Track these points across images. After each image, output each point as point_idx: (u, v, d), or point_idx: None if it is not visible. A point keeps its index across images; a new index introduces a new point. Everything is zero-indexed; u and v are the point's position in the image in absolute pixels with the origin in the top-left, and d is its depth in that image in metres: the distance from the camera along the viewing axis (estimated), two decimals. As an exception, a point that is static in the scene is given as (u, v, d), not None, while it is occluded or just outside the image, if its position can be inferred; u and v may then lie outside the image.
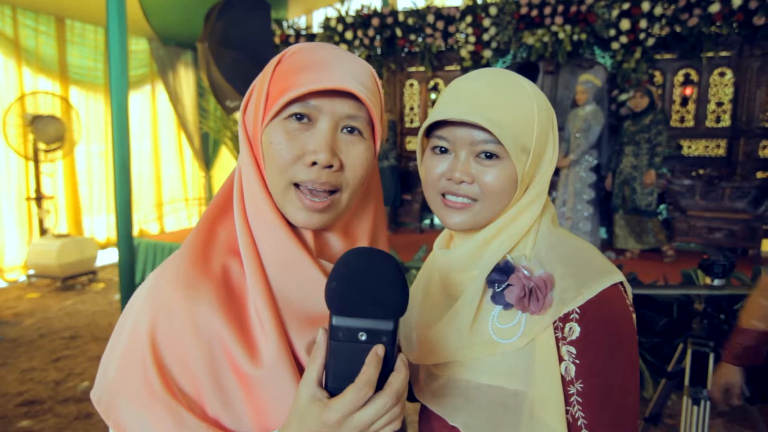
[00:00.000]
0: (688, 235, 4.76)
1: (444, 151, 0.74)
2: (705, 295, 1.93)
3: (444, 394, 0.73)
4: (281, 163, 0.64)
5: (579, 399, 0.66)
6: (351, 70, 0.65)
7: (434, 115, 0.72)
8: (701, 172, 5.12)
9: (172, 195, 7.53)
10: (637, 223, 4.53)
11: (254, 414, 0.62)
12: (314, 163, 0.64)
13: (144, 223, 6.95)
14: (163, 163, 7.36)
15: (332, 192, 0.66)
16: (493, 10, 5.61)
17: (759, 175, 5.00)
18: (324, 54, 0.66)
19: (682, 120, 5.33)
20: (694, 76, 5.23)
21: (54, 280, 5.26)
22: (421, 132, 0.77)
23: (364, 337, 0.53)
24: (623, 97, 5.16)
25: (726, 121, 5.18)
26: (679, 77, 5.30)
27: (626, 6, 5.04)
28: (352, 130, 0.66)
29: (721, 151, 5.23)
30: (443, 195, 0.74)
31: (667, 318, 3.13)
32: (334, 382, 0.54)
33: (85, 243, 5.50)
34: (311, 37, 6.73)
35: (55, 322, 4.27)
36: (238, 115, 6.66)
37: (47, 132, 5.28)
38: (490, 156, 0.70)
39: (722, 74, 5.14)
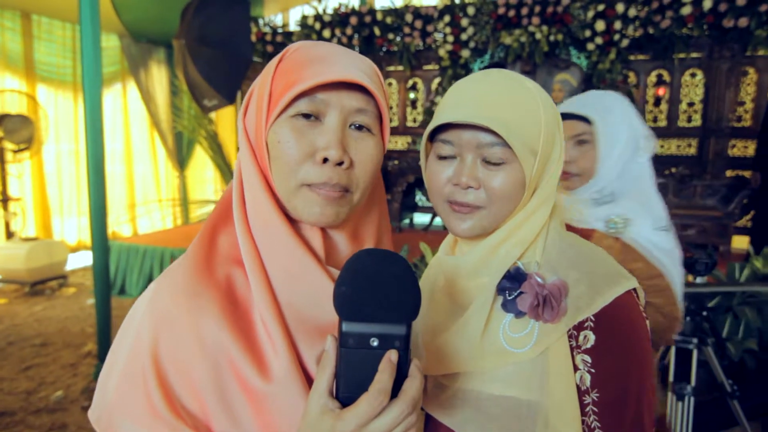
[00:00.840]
0: (662, 233, 4.87)
1: (449, 155, 0.72)
2: (688, 292, 1.96)
3: (454, 406, 0.71)
4: (290, 162, 0.62)
5: (595, 408, 0.65)
6: (356, 64, 0.64)
7: (438, 119, 0.70)
8: (674, 170, 5.25)
9: (145, 196, 7.34)
10: None
11: (262, 429, 0.59)
12: (325, 160, 0.62)
13: (116, 225, 6.76)
14: (136, 163, 7.17)
15: (344, 191, 0.64)
16: (470, 10, 5.63)
17: (728, 173, 5.16)
18: (327, 49, 0.65)
19: (655, 120, 5.45)
20: (666, 77, 5.35)
21: (22, 286, 5.07)
22: (425, 136, 0.75)
23: (375, 343, 0.51)
24: (599, 97, 5.25)
25: (697, 121, 5.31)
26: (652, 78, 5.41)
27: (601, 7, 5.13)
28: (360, 127, 0.64)
29: (693, 150, 5.37)
30: (451, 202, 0.72)
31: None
32: (346, 391, 0.51)
33: (55, 246, 5.31)
34: (288, 36, 6.65)
35: (25, 328, 4.11)
36: (213, 115, 6.54)
37: (14, 131, 5.08)
38: (497, 160, 0.68)
39: (693, 75, 5.27)
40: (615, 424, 0.64)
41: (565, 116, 1.32)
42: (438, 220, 6.06)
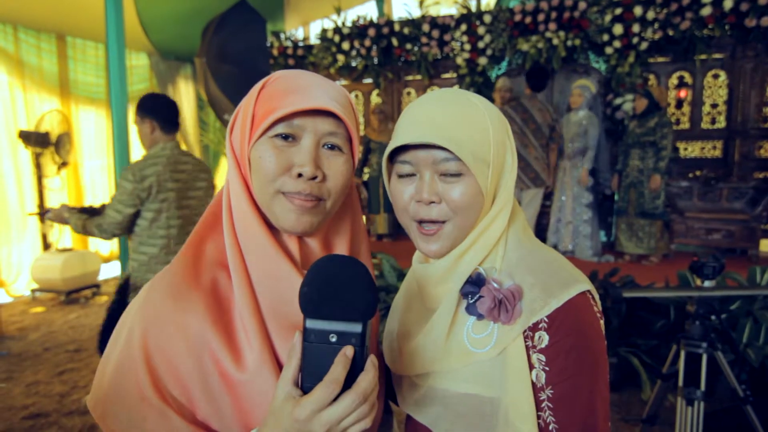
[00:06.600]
0: (687, 237, 4.78)
1: (409, 174, 0.77)
2: (696, 296, 1.95)
3: (426, 404, 0.77)
4: (269, 174, 0.70)
5: (550, 405, 0.69)
6: (329, 93, 0.72)
7: (395, 142, 0.76)
8: (698, 173, 5.15)
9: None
10: (640, 227, 4.53)
11: (239, 415, 0.67)
12: (300, 175, 0.69)
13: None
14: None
15: (318, 200, 0.72)
16: (487, 18, 5.68)
17: (756, 175, 5.03)
18: (305, 80, 0.73)
19: (677, 122, 5.37)
20: (688, 79, 5.27)
21: (58, 294, 5.31)
22: (384, 159, 0.80)
23: (334, 339, 0.57)
24: (618, 101, 5.20)
25: (721, 123, 5.21)
26: (674, 80, 5.34)
27: (619, 11, 5.10)
28: (332, 147, 0.72)
29: (718, 153, 5.26)
30: (419, 222, 0.77)
31: (664, 320, 3.15)
32: (308, 382, 0.58)
33: (89, 257, 5.54)
34: (308, 48, 6.81)
35: (60, 335, 4.31)
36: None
37: (51, 147, 5.36)
38: (453, 173, 0.73)
39: (716, 76, 5.18)
40: (568, 420, 0.68)
41: None
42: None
